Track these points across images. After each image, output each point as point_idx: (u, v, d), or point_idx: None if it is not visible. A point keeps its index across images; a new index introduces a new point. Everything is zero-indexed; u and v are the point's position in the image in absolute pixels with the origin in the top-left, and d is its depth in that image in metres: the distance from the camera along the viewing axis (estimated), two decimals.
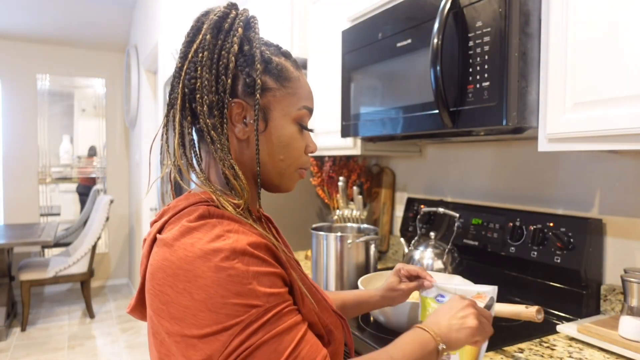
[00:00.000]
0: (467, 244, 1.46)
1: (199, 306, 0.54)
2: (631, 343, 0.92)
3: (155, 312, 0.59)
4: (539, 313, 0.90)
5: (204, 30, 0.65)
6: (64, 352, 3.21)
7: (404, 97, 1.26)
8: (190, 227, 0.58)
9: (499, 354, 0.96)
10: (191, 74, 0.65)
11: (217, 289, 0.54)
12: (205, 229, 0.58)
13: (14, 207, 4.52)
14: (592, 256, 1.16)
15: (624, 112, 0.82)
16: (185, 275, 0.55)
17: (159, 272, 0.58)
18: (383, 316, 1.07)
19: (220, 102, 0.65)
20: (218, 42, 0.65)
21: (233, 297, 0.54)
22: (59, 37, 4.47)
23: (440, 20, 1.05)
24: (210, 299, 0.54)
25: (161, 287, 0.57)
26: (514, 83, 0.97)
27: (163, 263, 0.58)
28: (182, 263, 0.56)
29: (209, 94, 0.64)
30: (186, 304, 0.55)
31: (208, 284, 0.54)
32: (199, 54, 0.64)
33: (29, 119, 4.55)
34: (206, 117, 0.64)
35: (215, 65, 0.65)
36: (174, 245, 0.57)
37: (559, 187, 1.31)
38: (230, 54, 0.65)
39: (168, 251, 0.58)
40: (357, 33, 1.49)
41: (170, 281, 0.56)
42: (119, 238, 5.00)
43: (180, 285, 0.55)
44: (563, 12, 0.93)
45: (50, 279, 3.70)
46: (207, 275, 0.54)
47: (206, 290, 0.54)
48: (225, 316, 0.53)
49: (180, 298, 0.55)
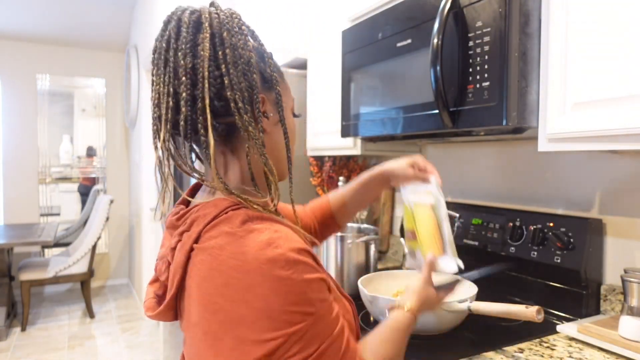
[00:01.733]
0: (467, 244, 1.46)
1: (257, 314, 0.55)
2: (631, 343, 0.92)
3: (201, 321, 0.59)
4: (539, 313, 0.89)
5: (210, 31, 0.63)
6: (64, 352, 3.21)
7: (404, 97, 1.26)
8: (236, 235, 0.58)
9: (499, 354, 0.96)
10: (215, 73, 0.62)
11: (275, 298, 0.54)
12: (252, 236, 0.57)
13: (14, 207, 4.52)
14: (592, 256, 1.16)
15: (624, 112, 0.82)
16: (239, 285, 0.55)
17: (206, 282, 0.58)
18: (383, 316, 1.07)
19: (249, 98, 0.64)
20: (233, 40, 0.63)
21: (290, 305, 0.55)
22: (59, 37, 4.47)
23: (440, 20, 1.05)
24: (269, 307, 0.54)
25: (210, 296, 0.57)
26: (514, 83, 0.97)
27: (211, 273, 0.57)
28: (235, 273, 0.55)
29: (239, 90, 0.62)
30: (242, 312, 0.55)
31: (266, 293, 0.54)
32: (219, 52, 0.62)
33: (29, 119, 4.55)
34: (243, 113, 0.62)
35: (238, 62, 0.63)
36: (221, 254, 0.57)
37: (559, 187, 1.31)
38: (248, 51, 0.64)
39: (216, 261, 0.57)
40: (357, 33, 1.49)
41: (222, 290, 0.56)
42: (119, 238, 5.00)
43: (235, 294, 0.55)
44: (563, 12, 0.93)
45: (50, 279, 3.70)
46: (265, 285, 0.55)
47: (265, 299, 0.54)
48: (284, 323, 0.55)
49: (235, 307, 0.55)
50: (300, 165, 2.06)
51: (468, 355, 0.95)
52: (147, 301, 0.70)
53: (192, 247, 0.61)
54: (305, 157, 2.06)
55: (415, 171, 0.99)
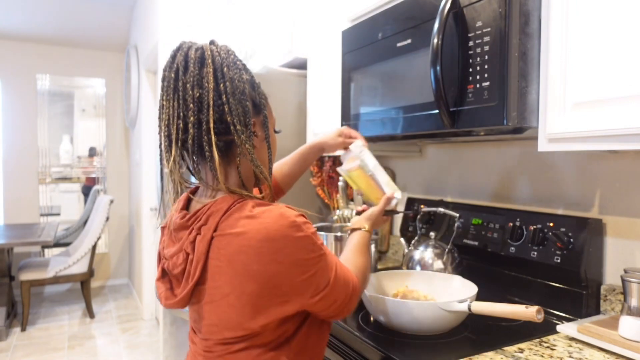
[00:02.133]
0: (467, 244, 1.46)
1: (288, 267, 0.73)
2: (631, 343, 0.92)
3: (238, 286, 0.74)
4: (538, 313, 0.90)
5: (213, 66, 0.79)
6: (63, 352, 3.21)
7: (404, 97, 1.26)
8: (255, 217, 0.74)
9: (499, 354, 0.96)
10: (218, 101, 0.78)
11: (298, 252, 0.74)
12: (267, 214, 0.74)
13: (14, 207, 4.52)
14: (592, 256, 1.16)
15: (624, 112, 0.82)
16: (269, 251, 0.72)
17: (239, 256, 0.73)
18: (383, 316, 1.07)
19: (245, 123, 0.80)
20: (230, 73, 0.79)
21: (309, 253, 0.75)
22: (59, 37, 4.47)
23: (440, 20, 1.05)
24: (296, 259, 0.74)
25: (245, 266, 0.73)
26: (514, 83, 0.97)
27: (241, 249, 0.73)
28: (264, 243, 0.72)
29: (240, 118, 0.79)
30: (276, 269, 0.73)
31: (291, 250, 0.73)
32: (220, 85, 0.78)
33: (29, 119, 4.55)
34: (240, 134, 0.79)
35: (237, 94, 0.79)
36: (248, 232, 0.73)
37: (559, 187, 1.31)
38: (243, 83, 0.81)
39: (245, 238, 0.73)
40: (357, 33, 1.49)
41: (256, 259, 0.72)
42: (119, 238, 5.00)
43: (268, 258, 0.72)
44: (563, 12, 0.93)
45: (50, 279, 3.70)
46: (289, 245, 0.73)
47: (290, 254, 0.73)
48: (308, 267, 0.75)
49: (270, 267, 0.72)
50: None
51: (468, 355, 0.95)
52: (162, 293, 0.84)
53: (212, 236, 0.75)
54: None
55: (343, 139, 1.23)
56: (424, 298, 1.16)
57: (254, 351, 0.78)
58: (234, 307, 0.76)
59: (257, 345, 0.78)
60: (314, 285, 0.76)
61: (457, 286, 1.20)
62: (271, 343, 0.78)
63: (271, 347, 0.78)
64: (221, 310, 0.77)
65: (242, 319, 0.76)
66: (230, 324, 0.77)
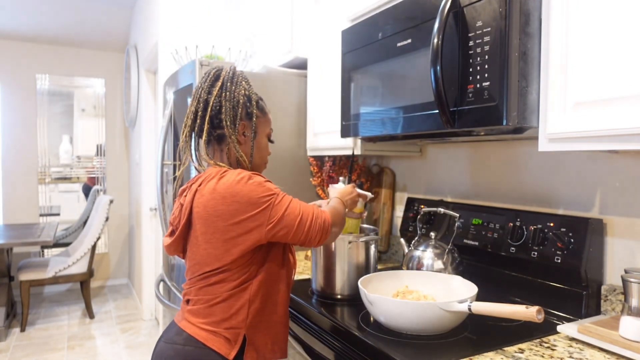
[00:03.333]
0: (467, 244, 1.45)
1: (245, 205, 1.02)
2: (632, 343, 0.92)
3: (211, 224, 1.03)
4: (539, 313, 0.89)
5: (222, 81, 1.13)
6: (63, 352, 3.21)
7: (404, 97, 1.26)
8: (222, 175, 1.05)
9: (499, 354, 0.96)
10: (217, 107, 1.11)
11: (251, 193, 1.02)
12: (230, 173, 1.05)
13: (13, 207, 4.52)
14: (592, 256, 1.15)
15: (624, 112, 0.82)
16: (231, 195, 1.02)
17: (211, 202, 1.03)
18: (383, 316, 1.07)
19: (234, 122, 1.12)
20: (233, 87, 1.13)
21: (261, 193, 1.03)
22: (58, 37, 4.47)
23: (440, 20, 1.05)
24: (250, 198, 1.02)
25: (215, 208, 1.03)
26: (514, 83, 0.97)
27: (213, 195, 1.03)
28: (225, 191, 1.02)
29: (231, 115, 1.11)
30: (236, 208, 1.01)
31: (246, 193, 1.02)
32: (222, 93, 1.12)
33: (28, 119, 4.55)
34: (230, 130, 1.11)
35: (233, 99, 1.12)
36: (217, 185, 1.03)
37: (560, 187, 1.30)
38: (240, 95, 1.13)
39: (215, 189, 1.03)
40: (357, 33, 1.48)
41: (221, 201, 1.02)
42: (119, 238, 5.00)
43: (229, 200, 1.01)
44: (563, 12, 0.93)
45: (49, 279, 3.70)
46: (244, 190, 1.02)
47: (246, 196, 1.02)
48: (262, 203, 1.02)
49: (232, 207, 1.02)
50: (300, 165, 2.06)
51: (468, 356, 0.94)
52: (165, 241, 1.15)
53: (196, 190, 1.07)
54: (306, 157, 2.06)
55: None
56: (424, 298, 1.16)
57: (226, 285, 1.05)
58: (210, 242, 1.04)
59: (228, 280, 1.05)
60: (267, 216, 1.02)
61: (457, 286, 1.20)
62: (238, 280, 1.05)
63: (238, 283, 1.06)
64: (202, 249, 1.06)
65: (217, 251, 1.04)
66: (208, 260, 1.05)
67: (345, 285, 1.37)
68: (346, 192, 1.29)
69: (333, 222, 1.13)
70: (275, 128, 1.95)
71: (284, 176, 2.00)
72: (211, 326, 1.05)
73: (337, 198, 1.25)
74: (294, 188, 2.03)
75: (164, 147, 2.24)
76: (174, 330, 1.09)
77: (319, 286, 1.40)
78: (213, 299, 1.06)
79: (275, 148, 1.97)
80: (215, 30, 3.11)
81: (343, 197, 1.26)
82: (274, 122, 1.95)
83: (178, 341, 1.05)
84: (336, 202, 1.23)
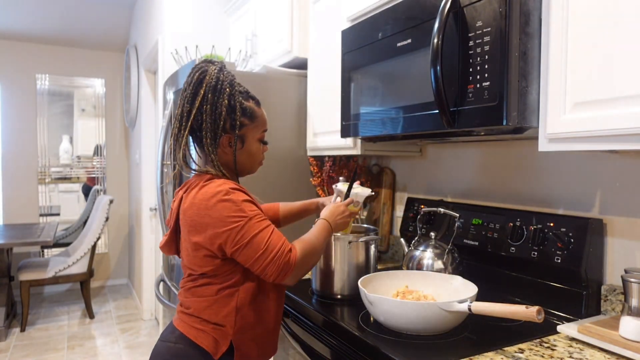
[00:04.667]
0: (467, 244, 1.45)
1: (216, 220, 1.01)
2: (632, 343, 0.92)
3: (189, 232, 1.06)
4: (539, 313, 0.89)
5: (204, 89, 1.07)
6: (63, 352, 3.21)
7: (404, 97, 1.26)
8: (203, 184, 1.05)
9: (499, 354, 0.96)
10: (198, 119, 1.07)
11: (223, 211, 1.00)
12: (211, 184, 1.04)
13: (13, 207, 4.51)
14: (592, 256, 1.15)
15: (624, 112, 0.82)
16: (205, 208, 1.02)
17: (189, 210, 1.04)
18: (383, 316, 1.07)
19: (216, 136, 1.08)
20: (215, 98, 1.07)
21: (232, 212, 1.01)
22: (58, 37, 4.47)
23: (440, 20, 1.05)
24: (221, 215, 1.00)
25: (191, 217, 1.04)
26: (514, 83, 0.97)
27: (192, 204, 1.04)
28: (203, 201, 1.02)
29: (211, 131, 1.08)
30: (207, 222, 1.01)
31: (219, 209, 1.01)
32: (203, 106, 1.07)
33: (28, 118, 4.55)
34: (209, 142, 1.08)
35: (214, 114, 1.07)
36: (197, 194, 1.04)
37: (560, 187, 1.30)
38: (222, 107, 1.07)
39: (194, 198, 1.04)
40: (357, 33, 1.48)
41: (196, 212, 1.03)
42: (119, 238, 5.00)
43: (203, 212, 1.02)
44: (563, 12, 0.93)
45: (49, 279, 3.70)
46: (218, 205, 1.01)
47: (218, 212, 1.01)
48: (230, 222, 1.00)
49: (204, 219, 1.02)
50: (300, 165, 2.06)
51: (468, 356, 0.94)
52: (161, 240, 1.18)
53: (182, 196, 1.10)
54: (305, 157, 2.06)
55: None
56: (424, 298, 1.16)
57: (212, 288, 1.07)
58: (187, 250, 1.08)
59: (214, 284, 1.06)
60: (232, 237, 1.00)
61: (457, 286, 1.20)
62: (223, 285, 1.06)
63: (223, 287, 1.06)
64: (186, 253, 1.10)
65: (193, 258, 1.07)
66: (190, 263, 1.09)
67: (345, 285, 1.37)
68: (337, 212, 1.21)
69: (300, 264, 1.04)
70: (275, 128, 1.95)
71: (284, 176, 2.00)
72: (201, 325, 1.06)
73: (324, 221, 1.18)
74: (294, 189, 2.03)
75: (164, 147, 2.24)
76: (169, 329, 1.11)
77: (319, 286, 1.40)
78: (200, 302, 1.07)
79: (275, 148, 1.97)
80: (215, 30, 3.11)
81: (332, 219, 1.19)
82: (274, 122, 1.94)
83: (171, 339, 1.08)
84: (319, 231, 1.14)
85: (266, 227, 1.03)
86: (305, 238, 1.11)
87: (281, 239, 1.04)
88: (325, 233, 1.15)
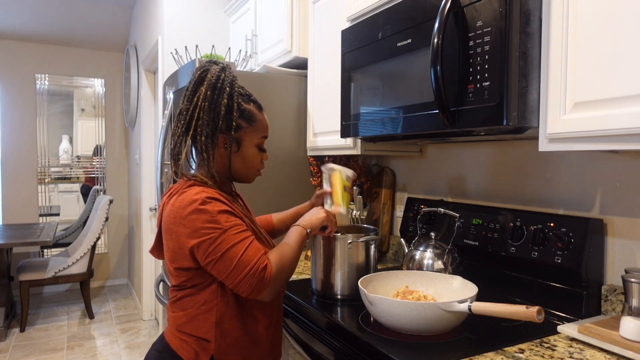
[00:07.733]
0: (468, 244, 1.45)
1: (189, 230, 0.98)
2: (632, 343, 0.91)
3: (166, 239, 1.03)
4: (539, 313, 0.89)
5: (205, 87, 1.04)
6: (63, 352, 3.20)
7: (404, 97, 1.26)
8: (183, 191, 1.02)
9: (499, 355, 0.95)
10: (196, 117, 1.04)
11: (197, 221, 0.97)
12: (190, 191, 1.01)
13: (13, 207, 4.51)
14: (592, 256, 1.15)
15: (624, 112, 0.82)
16: (180, 216, 0.99)
17: (168, 217, 1.01)
18: (383, 316, 1.07)
19: (212, 135, 1.05)
20: (214, 97, 1.04)
21: (204, 224, 0.97)
22: (58, 36, 4.46)
23: (440, 20, 1.05)
24: (195, 226, 0.97)
25: (168, 224, 1.01)
26: (514, 83, 0.97)
27: (170, 211, 1.01)
28: (179, 209, 0.99)
29: (207, 130, 1.04)
30: (181, 230, 0.99)
31: (193, 219, 0.97)
32: (202, 103, 1.04)
33: (28, 118, 4.55)
34: (203, 143, 1.04)
35: (212, 112, 1.04)
36: (175, 201, 1.01)
37: (560, 187, 1.30)
38: (221, 105, 1.04)
39: (173, 205, 1.01)
40: (357, 33, 1.48)
41: (173, 220, 1.00)
42: (119, 238, 5.00)
43: (178, 221, 0.99)
44: (563, 12, 0.93)
45: (49, 279, 3.70)
46: (192, 215, 0.98)
47: (192, 222, 0.97)
48: (203, 234, 0.97)
49: (179, 227, 0.99)
50: (300, 165, 2.06)
51: (468, 356, 0.94)
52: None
53: (165, 201, 1.06)
54: (306, 157, 2.06)
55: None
56: (424, 298, 1.16)
57: (192, 299, 1.04)
58: (167, 252, 1.04)
59: (193, 295, 1.04)
60: (204, 249, 0.97)
61: (457, 286, 1.20)
62: (202, 296, 1.03)
63: (203, 301, 1.03)
64: (166, 260, 1.06)
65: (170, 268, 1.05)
66: (169, 272, 1.07)
67: (345, 286, 1.36)
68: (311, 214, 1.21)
69: (275, 279, 1.01)
70: (275, 128, 1.95)
71: (284, 176, 2.00)
72: (184, 336, 1.04)
73: (298, 227, 1.16)
74: (295, 189, 2.03)
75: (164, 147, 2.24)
76: (159, 338, 1.13)
77: (319, 286, 1.40)
78: (181, 317, 1.05)
79: (275, 148, 1.97)
80: (215, 30, 3.11)
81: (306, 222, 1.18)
82: (274, 122, 1.94)
83: (158, 348, 1.09)
84: (294, 240, 1.12)
85: (242, 240, 0.98)
86: (281, 249, 1.07)
87: (257, 253, 0.99)
88: (301, 239, 1.13)
